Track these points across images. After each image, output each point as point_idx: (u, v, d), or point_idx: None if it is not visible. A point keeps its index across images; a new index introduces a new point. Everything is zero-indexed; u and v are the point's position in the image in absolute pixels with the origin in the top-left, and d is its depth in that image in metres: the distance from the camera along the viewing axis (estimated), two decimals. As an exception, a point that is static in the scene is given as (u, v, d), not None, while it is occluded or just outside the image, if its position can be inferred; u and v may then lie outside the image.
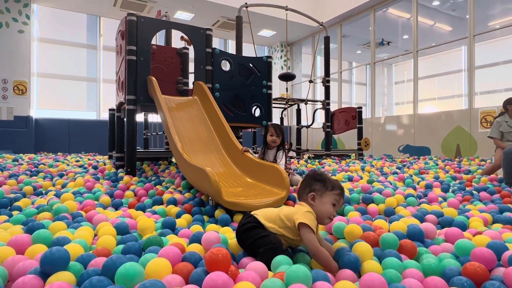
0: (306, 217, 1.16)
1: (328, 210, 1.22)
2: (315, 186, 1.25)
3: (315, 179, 1.27)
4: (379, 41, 9.39)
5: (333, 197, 1.23)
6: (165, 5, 7.86)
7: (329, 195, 1.23)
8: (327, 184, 1.25)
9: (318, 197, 1.23)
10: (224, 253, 0.86)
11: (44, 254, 0.87)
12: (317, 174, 1.30)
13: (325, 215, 1.22)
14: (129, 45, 3.30)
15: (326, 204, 1.22)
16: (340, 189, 1.25)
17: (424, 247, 1.26)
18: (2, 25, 7.05)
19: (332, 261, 1.08)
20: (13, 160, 4.25)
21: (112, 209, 2.04)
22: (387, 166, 4.76)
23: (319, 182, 1.25)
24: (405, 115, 7.57)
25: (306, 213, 1.18)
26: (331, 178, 1.29)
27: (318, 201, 1.22)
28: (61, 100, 8.32)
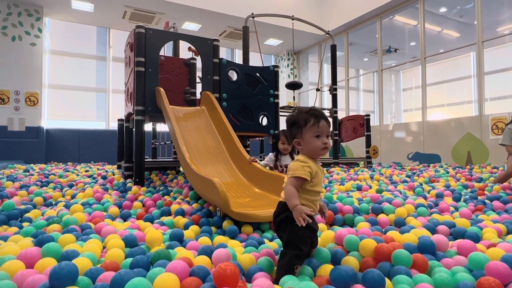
0: (290, 171, 1.15)
1: (315, 145, 1.17)
2: (293, 131, 1.22)
3: (290, 125, 1.23)
4: (386, 48, 9.37)
5: (312, 131, 1.17)
6: (173, 16, 7.99)
7: (307, 131, 1.18)
8: (299, 122, 1.19)
9: (300, 139, 1.19)
10: (232, 269, 0.85)
11: (53, 269, 0.88)
12: (289, 119, 1.24)
13: (315, 151, 1.18)
14: (137, 56, 3.35)
15: (310, 141, 1.17)
16: (314, 117, 1.18)
17: (436, 260, 1.23)
18: (15, 39, 7.23)
19: (295, 200, 1.10)
20: (24, 171, 4.32)
21: (121, 220, 2.04)
22: (397, 174, 4.71)
23: (293, 125, 1.21)
24: (413, 122, 7.50)
25: (292, 165, 1.17)
26: (301, 112, 1.22)
27: (303, 144, 1.19)
28: (71, 111, 8.46)
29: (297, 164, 1.15)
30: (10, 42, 7.19)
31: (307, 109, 1.21)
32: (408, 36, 9.65)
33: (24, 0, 7.22)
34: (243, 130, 3.87)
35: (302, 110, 1.22)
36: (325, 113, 1.17)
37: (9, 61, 7.17)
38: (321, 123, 1.17)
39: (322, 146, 1.17)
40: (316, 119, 1.17)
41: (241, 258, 1.24)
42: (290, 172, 1.15)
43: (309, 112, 1.19)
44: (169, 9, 7.73)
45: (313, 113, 1.18)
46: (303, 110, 1.21)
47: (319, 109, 1.22)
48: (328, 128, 1.19)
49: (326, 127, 1.19)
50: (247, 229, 1.82)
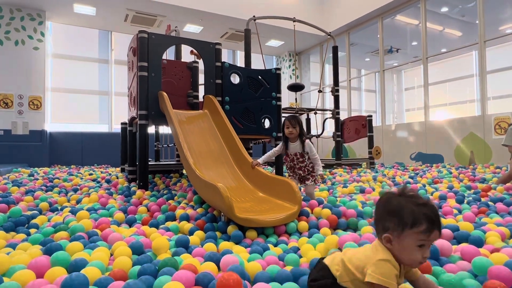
0: (378, 271, 0.86)
1: (412, 257, 0.87)
2: (389, 223, 0.89)
3: (388, 212, 0.91)
4: (388, 49, 9.36)
5: (416, 237, 0.85)
6: (174, 19, 8.01)
7: (410, 234, 0.86)
8: (404, 219, 0.86)
9: (395, 238, 0.88)
10: (235, 278, 0.87)
11: (64, 280, 0.90)
12: (390, 203, 0.91)
13: (409, 263, 0.88)
14: (140, 61, 3.37)
15: (408, 249, 0.86)
16: (428, 221, 0.86)
17: (439, 266, 1.24)
18: (18, 43, 7.28)
19: None
20: (29, 175, 4.35)
21: (126, 226, 2.06)
22: (400, 175, 4.71)
23: (394, 217, 0.89)
24: (416, 122, 7.50)
25: (380, 263, 0.87)
26: (414, 202, 0.89)
27: (396, 245, 0.88)
28: (74, 114, 8.51)
29: (388, 268, 0.87)
30: (13, 46, 7.24)
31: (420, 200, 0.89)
32: (410, 36, 9.64)
33: (27, 5, 7.26)
34: (246, 133, 3.88)
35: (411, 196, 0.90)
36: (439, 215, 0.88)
37: (12, 65, 7.22)
38: (434, 233, 0.87)
39: (422, 260, 0.88)
40: (430, 226, 0.86)
41: (247, 265, 1.25)
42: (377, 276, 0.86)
43: (421, 208, 0.87)
44: (170, 12, 7.76)
45: (428, 214, 0.86)
46: (415, 200, 0.89)
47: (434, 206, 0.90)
48: (438, 237, 0.90)
49: (437, 237, 0.89)
50: (251, 234, 1.84)
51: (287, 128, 2.73)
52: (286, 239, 1.82)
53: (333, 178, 4.48)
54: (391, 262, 0.88)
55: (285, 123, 2.75)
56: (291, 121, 2.71)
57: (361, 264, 0.91)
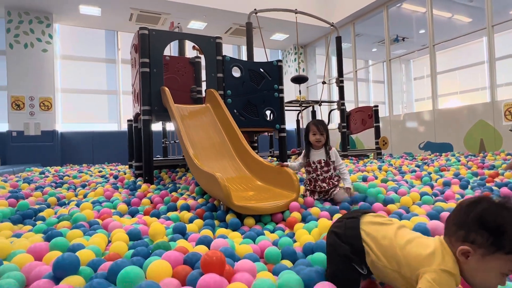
0: (438, 281, 0.73)
1: (488, 283, 0.74)
2: (477, 237, 0.73)
3: (482, 224, 0.73)
4: (394, 38, 9.22)
5: (508, 266, 0.72)
6: (178, 16, 8.06)
7: (501, 259, 0.71)
8: (504, 241, 0.71)
9: (476, 256, 0.73)
10: (218, 256, 0.90)
11: (56, 259, 0.94)
12: (491, 215, 0.73)
13: (478, 286, 0.76)
14: (142, 57, 3.42)
15: (488, 273, 0.73)
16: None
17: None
18: (27, 46, 7.45)
19: None
20: (40, 173, 4.47)
21: (129, 216, 2.12)
22: (406, 165, 4.67)
23: (490, 233, 0.72)
24: (424, 111, 7.39)
25: (443, 274, 0.74)
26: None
27: (474, 263, 0.74)
28: (84, 114, 8.67)
29: (449, 281, 0.74)
30: (22, 49, 7.41)
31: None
32: (417, 24, 9.46)
33: (34, 8, 7.41)
34: (248, 125, 3.91)
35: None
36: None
37: (22, 68, 7.40)
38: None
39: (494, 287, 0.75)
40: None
41: (238, 248, 1.28)
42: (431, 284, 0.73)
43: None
44: (174, 9, 7.81)
45: None
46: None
47: None
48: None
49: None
50: (249, 222, 1.87)
51: (313, 134, 2.35)
52: (283, 226, 1.84)
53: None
54: (456, 278, 0.74)
55: (311, 129, 2.37)
56: (319, 128, 2.33)
57: (416, 260, 0.78)
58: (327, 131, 2.37)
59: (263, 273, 1.01)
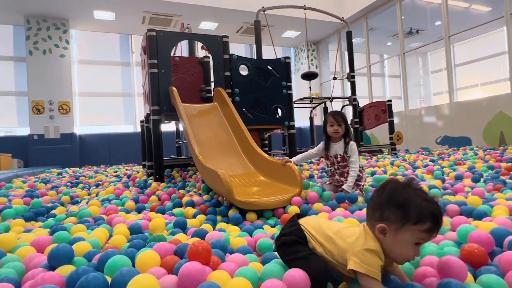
0: (362, 261, 0.80)
1: (405, 253, 0.81)
2: (390, 214, 0.82)
3: (392, 202, 0.83)
4: (408, 31, 9.01)
5: (417, 234, 0.80)
6: (189, 17, 8.15)
7: (410, 230, 0.79)
8: (410, 213, 0.79)
9: (391, 231, 0.81)
10: (204, 246, 0.91)
11: (51, 250, 0.98)
12: (397, 193, 0.83)
13: (398, 258, 0.83)
14: (150, 59, 3.49)
15: (403, 244, 0.80)
16: (434, 220, 0.80)
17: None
18: (46, 52, 7.73)
19: None
20: (58, 174, 4.63)
21: (135, 213, 2.17)
22: (421, 160, 4.56)
23: (397, 209, 0.81)
24: (441, 104, 7.19)
25: (367, 253, 0.81)
26: (422, 197, 0.82)
27: (391, 238, 0.81)
28: (101, 116, 8.91)
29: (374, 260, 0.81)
30: (41, 55, 7.69)
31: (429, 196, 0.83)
32: (433, 15, 9.20)
33: (52, 15, 7.68)
34: (257, 123, 3.92)
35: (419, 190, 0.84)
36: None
37: (42, 74, 7.68)
38: (436, 233, 0.82)
39: (411, 258, 0.83)
40: (435, 225, 0.80)
41: (233, 240, 1.30)
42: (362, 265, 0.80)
43: (428, 206, 0.80)
44: (185, 11, 7.90)
45: (434, 212, 0.80)
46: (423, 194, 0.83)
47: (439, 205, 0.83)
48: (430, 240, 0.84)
49: (435, 236, 0.83)
50: (251, 217, 1.88)
51: (331, 125, 2.26)
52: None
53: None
54: (379, 254, 0.81)
55: (329, 120, 2.28)
56: (336, 118, 2.23)
57: (344, 248, 0.85)
58: (346, 122, 2.27)
59: (253, 264, 1.02)
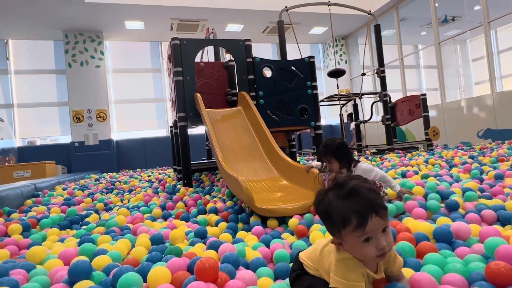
0: (339, 273, 0.78)
1: (365, 253, 0.76)
2: (328, 229, 0.82)
3: (321, 215, 0.82)
4: (443, 18, 8.51)
5: (354, 235, 0.75)
6: (215, 21, 8.26)
7: (347, 235, 0.76)
8: (335, 222, 0.77)
9: (340, 240, 0.79)
10: (211, 263, 0.92)
11: (71, 265, 1.04)
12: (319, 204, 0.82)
13: (367, 260, 0.79)
14: (175, 67, 3.58)
15: (356, 248, 0.77)
16: (356, 216, 0.74)
17: (450, 250, 1.14)
18: (83, 64, 8.20)
19: None
20: (95, 180, 4.89)
21: (162, 220, 2.24)
22: (459, 156, 4.29)
23: (326, 221, 0.81)
24: (481, 95, 6.72)
25: (339, 265, 0.79)
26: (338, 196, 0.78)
27: (348, 247, 0.79)
28: (135, 122, 9.29)
29: (346, 268, 0.78)
30: (79, 67, 8.17)
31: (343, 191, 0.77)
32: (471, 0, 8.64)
33: (87, 28, 8.13)
34: (282, 125, 3.89)
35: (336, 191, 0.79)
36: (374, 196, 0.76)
37: (80, 84, 8.16)
38: (370, 223, 0.74)
39: (378, 253, 0.76)
40: (361, 219, 0.73)
41: (248, 252, 1.30)
42: (337, 279, 0.77)
43: (347, 203, 0.76)
44: (211, 15, 8.02)
45: (355, 207, 0.75)
46: (339, 193, 0.78)
47: (364, 191, 0.76)
48: (383, 221, 0.75)
49: (380, 222, 0.75)
50: (272, 223, 1.87)
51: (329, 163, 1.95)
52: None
53: (381, 164, 4.26)
54: (352, 260, 0.78)
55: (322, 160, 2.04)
56: (326, 156, 1.91)
57: (326, 268, 0.83)
58: (336, 155, 1.88)
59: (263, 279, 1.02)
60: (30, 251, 1.37)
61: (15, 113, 8.35)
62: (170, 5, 7.45)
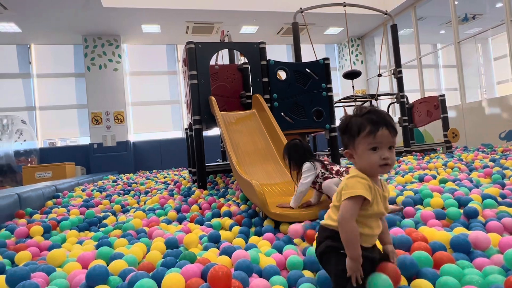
0: (345, 190, 0.90)
1: (370, 160, 0.90)
2: (344, 140, 0.97)
3: (341, 130, 0.98)
4: (463, 17, 8.29)
5: (365, 142, 0.90)
6: (230, 23, 8.32)
7: (359, 142, 0.91)
8: (352, 130, 0.93)
9: (352, 151, 0.94)
10: (224, 271, 0.93)
11: (88, 271, 1.07)
12: (341, 123, 0.98)
13: (371, 168, 0.91)
14: (190, 70, 3.62)
15: (364, 156, 0.91)
16: (371, 123, 0.90)
17: (468, 260, 1.11)
18: (101, 67, 8.41)
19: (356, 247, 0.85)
20: (113, 181, 5.00)
21: (176, 223, 2.27)
22: (480, 159, 4.17)
23: (345, 133, 0.96)
24: (505, 96, 6.50)
25: (350, 180, 0.91)
26: (357, 114, 0.95)
27: (356, 157, 0.94)
28: (152, 123, 9.45)
29: (354, 181, 0.90)
30: (98, 70, 8.38)
31: (364, 110, 0.94)
32: (492, -3, 8.39)
33: (105, 32, 8.33)
34: (297, 127, 3.88)
35: (358, 112, 0.95)
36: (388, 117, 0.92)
37: (99, 87, 8.38)
38: (380, 133, 0.89)
39: (381, 162, 0.89)
40: (373, 127, 0.89)
41: (262, 258, 1.30)
42: (345, 192, 0.89)
43: (365, 116, 0.92)
44: (225, 17, 8.08)
45: (370, 117, 0.91)
46: (359, 112, 0.95)
47: (382, 111, 0.94)
48: (391, 138, 0.91)
49: (388, 137, 0.90)
50: (284, 228, 1.86)
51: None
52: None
53: (398, 167, 4.18)
54: (358, 175, 0.91)
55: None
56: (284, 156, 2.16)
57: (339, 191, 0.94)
58: (287, 153, 2.12)
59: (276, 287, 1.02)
60: (50, 254, 1.41)
61: (37, 116, 8.64)
62: (185, 9, 7.55)
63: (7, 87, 8.50)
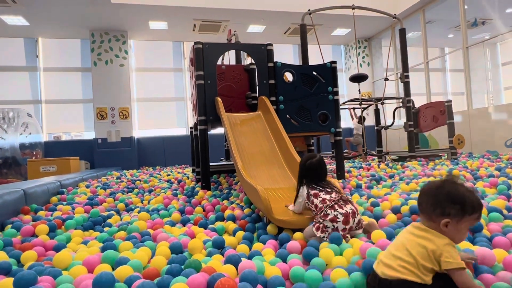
0: (450, 256, 0.95)
1: (463, 237, 1.02)
2: (451, 210, 0.98)
3: (452, 200, 0.99)
4: (472, 22, 8.22)
5: (471, 222, 1.00)
6: (237, 22, 8.30)
7: (467, 220, 0.99)
8: (466, 207, 0.98)
9: (453, 223, 0.98)
10: (230, 284, 0.93)
11: (95, 278, 1.08)
12: (454, 193, 0.99)
13: (459, 242, 1.04)
14: (197, 70, 3.62)
15: (463, 231, 1.00)
16: (480, 209, 1.00)
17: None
18: (108, 62, 8.43)
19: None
20: (117, 178, 5.02)
21: (180, 225, 2.28)
22: (485, 167, 4.14)
23: (457, 205, 0.98)
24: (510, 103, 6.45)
25: (448, 247, 0.97)
26: (470, 191, 1.01)
27: (453, 229, 0.99)
28: (156, 120, 9.47)
29: (454, 250, 0.98)
30: (104, 66, 8.41)
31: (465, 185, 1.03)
32: (502, 2, 8.30)
33: (112, 28, 8.34)
34: (302, 130, 3.87)
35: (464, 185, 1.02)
36: None
37: (105, 83, 8.40)
38: (480, 218, 1.03)
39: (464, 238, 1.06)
40: (480, 213, 1.01)
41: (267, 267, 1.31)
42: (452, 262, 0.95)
43: (477, 199, 1.00)
44: (233, 16, 8.06)
45: (480, 202, 1.00)
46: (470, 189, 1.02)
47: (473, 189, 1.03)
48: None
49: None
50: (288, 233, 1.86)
51: None
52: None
53: (402, 173, 4.17)
54: (451, 244, 0.98)
55: None
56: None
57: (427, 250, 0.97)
58: (300, 170, 2.03)
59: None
60: (56, 256, 1.42)
61: (42, 109, 8.69)
62: (193, 6, 7.54)
63: (14, 80, 8.55)
